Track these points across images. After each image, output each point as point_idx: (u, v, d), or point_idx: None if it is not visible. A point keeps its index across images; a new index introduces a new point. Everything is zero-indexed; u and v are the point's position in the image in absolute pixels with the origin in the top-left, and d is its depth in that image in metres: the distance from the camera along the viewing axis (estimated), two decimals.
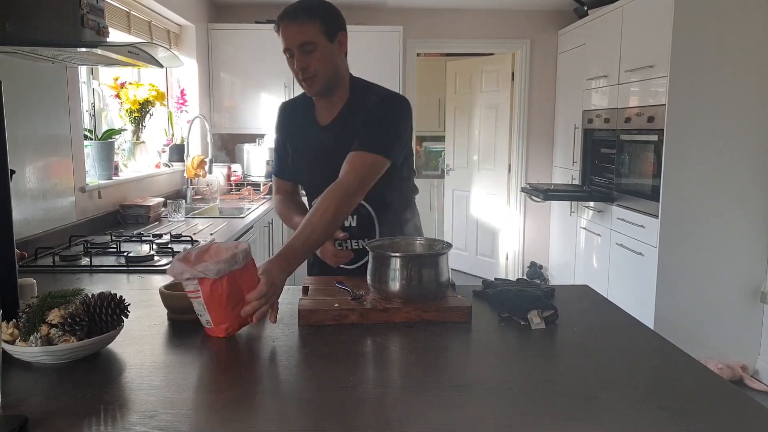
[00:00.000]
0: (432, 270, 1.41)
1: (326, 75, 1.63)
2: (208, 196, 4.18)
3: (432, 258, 1.44)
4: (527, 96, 5.25)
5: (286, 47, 1.62)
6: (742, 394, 1.01)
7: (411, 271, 1.39)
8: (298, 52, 1.60)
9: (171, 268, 1.24)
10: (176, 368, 1.12)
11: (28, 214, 2.31)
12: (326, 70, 1.63)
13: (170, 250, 2.25)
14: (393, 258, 1.41)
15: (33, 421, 0.87)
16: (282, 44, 1.62)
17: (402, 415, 0.92)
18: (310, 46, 1.59)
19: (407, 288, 1.39)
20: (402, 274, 1.39)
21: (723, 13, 3.21)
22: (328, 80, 1.65)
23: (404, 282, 1.39)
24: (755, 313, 3.38)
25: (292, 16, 1.60)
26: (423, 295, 1.40)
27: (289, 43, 1.60)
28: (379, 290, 1.43)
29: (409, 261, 1.41)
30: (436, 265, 1.42)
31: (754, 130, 3.27)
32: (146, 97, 3.52)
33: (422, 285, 1.40)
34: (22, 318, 1.11)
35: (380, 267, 1.42)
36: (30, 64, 2.30)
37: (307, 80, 1.63)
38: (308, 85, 1.65)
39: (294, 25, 1.59)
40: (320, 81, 1.63)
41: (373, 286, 1.44)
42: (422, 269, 1.40)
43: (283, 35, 1.61)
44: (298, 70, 1.62)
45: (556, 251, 5.18)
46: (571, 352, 1.23)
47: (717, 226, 3.31)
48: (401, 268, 1.39)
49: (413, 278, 1.39)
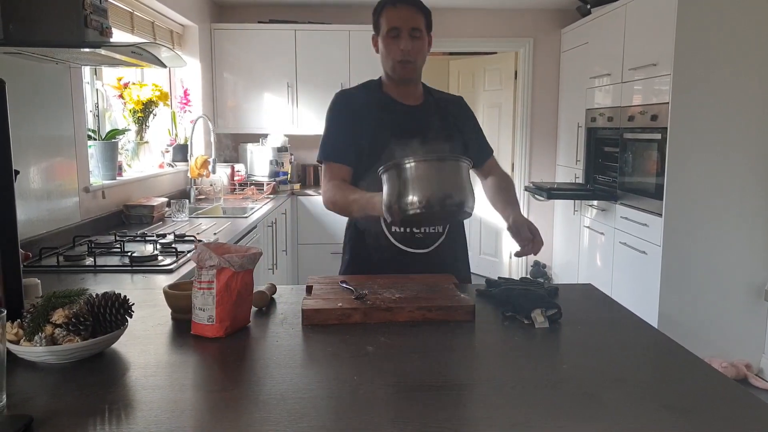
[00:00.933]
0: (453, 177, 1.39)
1: (420, 64, 1.77)
2: (212, 196, 4.19)
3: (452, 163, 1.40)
4: (530, 95, 5.25)
5: (395, 26, 1.70)
6: (747, 393, 1.01)
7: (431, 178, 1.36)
8: (406, 34, 1.69)
9: (196, 253, 1.24)
10: (180, 368, 1.13)
11: (32, 215, 2.32)
12: (422, 60, 1.77)
13: (174, 250, 2.26)
14: (408, 164, 1.37)
15: (38, 421, 0.87)
16: (386, 22, 1.71)
17: (406, 414, 0.92)
18: (418, 33, 1.71)
19: (428, 196, 1.34)
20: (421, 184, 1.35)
21: (726, 12, 3.20)
22: (419, 69, 1.78)
23: (425, 191, 1.34)
24: (759, 312, 3.37)
25: (409, 2, 1.71)
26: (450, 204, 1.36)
27: (403, 23, 1.69)
28: (399, 206, 1.37)
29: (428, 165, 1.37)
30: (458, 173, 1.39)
31: (757, 129, 3.26)
32: (149, 98, 3.52)
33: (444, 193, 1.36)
34: (27, 318, 1.11)
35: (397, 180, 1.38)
36: (34, 64, 2.30)
37: (407, 63, 1.73)
38: (404, 66, 1.74)
39: (410, 9, 1.71)
40: (415, 67, 1.76)
41: (391, 206, 1.39)
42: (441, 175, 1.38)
43: (395, 15, 1.70)
44: (400, 51, 1.70)
45: (560, 250, 5.18)
46: (575, 350, 1.23)
47: (721, 224, 3.30)
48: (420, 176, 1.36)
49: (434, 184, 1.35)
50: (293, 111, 4.83)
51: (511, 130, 5.42)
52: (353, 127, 1.77)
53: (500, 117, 5.52)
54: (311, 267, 4.61)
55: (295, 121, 4.84)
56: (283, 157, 4.76)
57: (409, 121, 1.77)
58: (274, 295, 1.53)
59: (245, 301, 1.29)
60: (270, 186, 4.53)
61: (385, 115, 1.77)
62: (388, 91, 1.82)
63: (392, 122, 1.75)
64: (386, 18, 1.72)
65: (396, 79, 1.79)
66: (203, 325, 1.24)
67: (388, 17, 1.71)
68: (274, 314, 1.40)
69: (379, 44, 1.77)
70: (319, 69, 4.74)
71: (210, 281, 1.23)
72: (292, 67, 4.77)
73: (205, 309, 1.23)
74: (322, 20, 4.85)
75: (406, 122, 1.76)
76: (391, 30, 1.70)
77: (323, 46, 4.72)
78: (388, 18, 1.71)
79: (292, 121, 4.84)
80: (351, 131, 1.77)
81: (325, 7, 4.98)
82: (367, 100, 1.80)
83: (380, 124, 1.75)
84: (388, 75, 1.80)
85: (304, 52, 4.76)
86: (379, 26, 1.76)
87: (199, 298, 1.24)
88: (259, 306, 1.43)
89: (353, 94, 1.85)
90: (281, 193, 4.59)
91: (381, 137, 1.72)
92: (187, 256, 2.20)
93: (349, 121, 1.78)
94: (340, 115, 1.81)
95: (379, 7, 1.75)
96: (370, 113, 1.77)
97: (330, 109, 1.82)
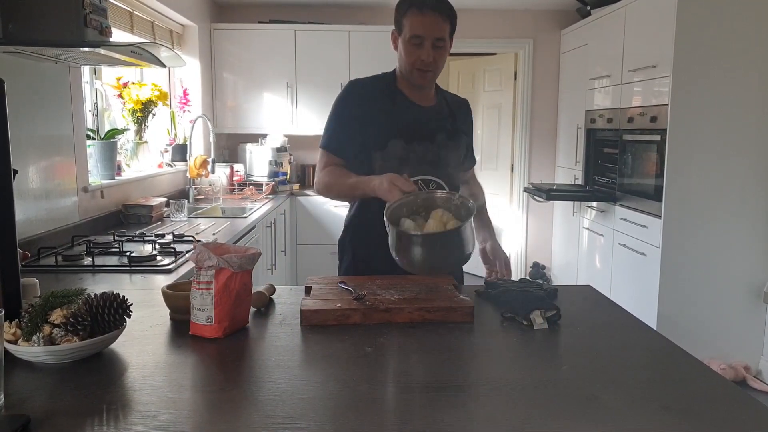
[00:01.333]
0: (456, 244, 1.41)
1: (439, 72, 1.73)
2: (211, 196, 4.19)
3: (454, 234, 1.41)
4: (530, 96, 5.25)
5: (419, 35, 1.64)
6: (745, 395, 1.01)
7: (434, 248, 1.40)
8: (429, 44, 1.64)
9: (195, 253, 1.24)
10: (179, 368, 1.12)
11: (30, 214, 2.31)
12: (442, 67, 1.73)
13: (173, 250, 2.25)
14: (414, 236, 1.40)
15: (35, 421, 0.87)
16: (410, 28, 1.65)
17: (405, 415, 0.92)
18: (441, 43, 1.67)
19: (431, 261, 1.41)
20: (424, 251, 1.40)
21: (726, 13, 3.20)
22: (437, 76, 1.75)
23: (427, 256, 1.39)
24: (758, 314, 3.37)
25: (437, 9, 1.64)
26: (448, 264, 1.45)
27: (428, 32, 1.64)
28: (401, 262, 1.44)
29: (430, 239, 1.40)
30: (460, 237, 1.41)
31: (757, 130, 3.26)
32: (149, 97, 3.52)
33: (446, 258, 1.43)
34: (25, 318, 1.11)
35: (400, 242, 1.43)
36: (33, 64, 2.30)
37: (425, 72, 1.69)
38: (422, 75, 1.70)
39: (437, 18, 1.64)
40: (434, 75, 1.73)
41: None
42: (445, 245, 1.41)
43: (420, 21, 1.63)
44: (421, 60, 1.66)
45: (559, 251, 5.18)
46: (574, 352, 1.23)
47: (720, 226, 3.30)
48: (422, 246, 1.40)
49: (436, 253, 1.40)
50: (293, 111, 4.83)
51: (511, 130, 5.42)
52: (360, 118, 1.74)
53: (500, 118, 5.52)
54: (310, 267, 4.61)
55: (294, 121, 4.84)
56: (282, 157, 4.76)
57: (419, 121, 1.75)
58: (273, 295, 1.53)
59: (244, 302, 1.29)
60: (269, 186, 4.53)
61: (396, 111, 1.75)
62: (401, 88, 1.79)
63: (401, 120, 1.73)
64: (410, 22, 1.65)
65: (411, 83, 1.76)
66: (202, 325, 1.23)
67: (413, 23, 1.64)
68: (273, 315, 1.40)
69: (399, 45, 1.72)
70: (318, 69, 4.74)
71: (209, 281, 1.23)
72: (291, 67, 4.77)
73: (203, 309, 1.23)
74: (322, 20, 4.85)
75: (416, 122, 1.74)
76: (414, 38, 1.65)
77: (323, 46, 4.72)
78: (413, 24, 1.64)
79: (292, 121, 4.84)
80: (356, 123, 1.75)
81: (325, 7, 4.99)
82: (379, 93, 1.77)
83: (389, 119, 1.73)
84: (404, 76, 1.77)
85: (303, 53, 4.75)
86: (401, 26, 1.69)
87: (198, 299, 1.24)
88: (257, 306, 1.42)
89: (366, 84, 1.80)
90: (280, 194, 4.59)
91: (387, 132, 1.71)
92: (185, 257, 2.19)
93: (356, 113, 1.75)
94: (348, 106, 1.78)
95: (404, 7, 1.67)
96: (380, 106, 1.74)
97: (340, 97, 1.79)
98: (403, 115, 1.74)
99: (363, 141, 1.73)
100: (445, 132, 1.76)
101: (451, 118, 1.81)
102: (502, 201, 5.52)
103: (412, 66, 1.69)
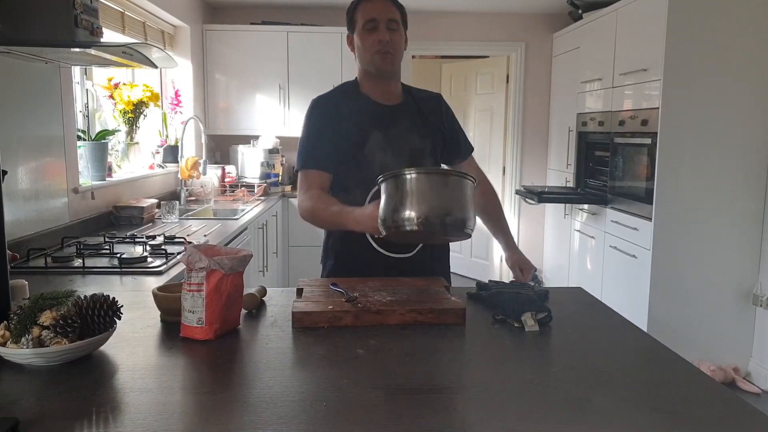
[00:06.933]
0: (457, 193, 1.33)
1: (399, 56, 1.75)
2: (203, 197, 4.17)
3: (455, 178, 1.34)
4: (522, 98, 5.27)
5: (374, 18, 1.70)
6: (734, 396, 1.02)
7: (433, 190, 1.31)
8: (384, 26, 1.69)
9: (186, 255, 1.24)
10: (169, 370, 1.12)
11: (20, 215, 2.29)
12: (400, 52, 1.75)
13: (164, 252, 2.24)
14: (411, 176, 1.31)
15: (24, 424, 0.86)
16: (363, 16, 1.71)
17: (395, 417, 0.92)
18: (395, 25, 1.71)
19: (428, 210, 1.28)
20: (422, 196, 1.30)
21: (716, 17, 3.23)
22: (398, 62, 1.76)
23: (425, 203, 1.29)
24: (747, 316, 3.40)
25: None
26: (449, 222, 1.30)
27: (380, 15, 1.70)
28: (395, 221, 1.32)
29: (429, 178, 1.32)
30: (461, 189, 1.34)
31: (746, 134, 3.29)
32: (140, 98, 3.51)
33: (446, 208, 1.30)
34: (14, 320, 1.10)
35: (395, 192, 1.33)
36: (23, 64, 2.29)
37: (386, 54, 1.71)
38: (383, 58, 1.71)
39: (385, 3, 1.72)
40: (394, 59, 1.74)
41: (386, 220, 1.34)
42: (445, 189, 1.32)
43: (371, 7, 1.71)
44: (379, 42, 1.69)
45: (550, 254, 5.20)
46: (565, 354, 1.23)
47: (710, 228, 3.33)
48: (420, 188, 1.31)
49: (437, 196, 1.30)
50: (285, 113, 4.82)
51: (503, 133, 5.43)
52: (332, 133, 1.73)
53: (492, 120, 5.54)
54: (302, 269, 4.60)
55: (286, 123, 4.83)
56: (274, 158, 4.75)
57: (388, 121, 1.74)
58: (264, 297, 1.53)
59: (235, 304, 1.29)
60: (261, 188, 4.52)
61: (364, 117, 1.74)
62: (365, 92, 1.78)
63: (371, 124, 1.73)
64: (362, 12, 1.72)
65: (375, 73, 1.74)
66: (193, 327, 1.23)
67: (364, 10, 1.71)
68: (264, 317, 1.40)
69: (356, 40, 1.75)
70: (311, 71, 4.73)
71: (200, 283, 1.22)
72: (284, 69, 4.77)
73: (194, 311, 1.23)
74: (315, 22, 4.85)
75: (386, 123, 1.73)
76: (368, 22, 1.70)
77: (315, 48, 4.72)
78: (364, 11, 1.71)
79: (284, 123, 4.83)
80: (329, 137, 1.72)
81: (318, 9, 4.98)
82: (344, 104, 1.76)
83: (359, 126, 1.72)
84: (366, 72, 1.76)
85: (296, 54, 4.75)
86: (354, 22, 1.74)
87: (189, 300, 1.23)
88: (249, 308, 1.42)
89: (330, 99, 1.79)
90: (272, 195, 4.58)
91: (360, 140, 1.70)
92: (176, 258, 2.18)
93: (326, 127, 1.74)
94: (318, 122, 1.76)
95: (353, 5, 1.75)
96: (348, 117, 1.73)
97: (307, 117, 1.78)
98: (371, 118, 1.74)
99: (339, 151, 1.72)
100: (414, 128, 1.76)
101: (419, 113, 1.80)
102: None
103: (372, 51, 1.70)
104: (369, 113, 1.75)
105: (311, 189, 1.70)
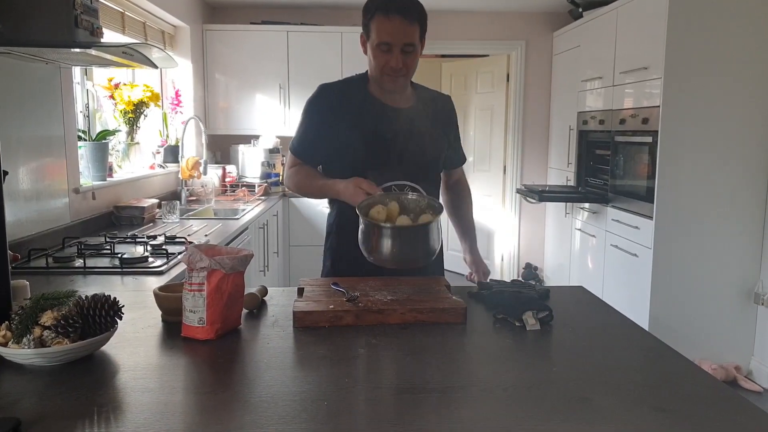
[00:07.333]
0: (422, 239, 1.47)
1: (411, 75, 1.69)
2: (203, 197, 4.17)
3: (422, 229, 1.47)
4: (522, 97, 5.27)
5: (387, 41, 1.59)
6: (736, 395, 1.02)
7: (401, 241, 1.45)
8: (398, 50, 1.59)
9: (187, 255, 1.24)
10: (170, 370, 1.12)
11: (21, 216, 2.30)
12: (413, 70, 1.68)
13: (165, 252, 2.25)
14: (384, 228, 1.45)
15: (26, 424, 0.86)
16: (377, 34, 1.59)
17: (396, 416, 0.92)
18: (411, 48, 1.61)
19: (398, 254, 1.45)
20: (392, 244, 1.45)
21: (717, 15, 3.22)
22: (409, 79, 1.71)
23: (395, 250, 1.45)
24: (749, 314, 3.40)
25: (403, 14, 1.57)
26: (413, 260, 1.49)
27: (395, 39, 1.58)
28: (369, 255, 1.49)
29: (398, 231, 1.45)
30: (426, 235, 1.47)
31: (747, 132, 3.28)
32: (141, 98, 3.51)
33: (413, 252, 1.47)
34: (15, 320, 1.10)
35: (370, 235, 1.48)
36: (24, 64, 2.29)
37: (396, 77, 1.65)
38: (393, 80, 1.66)
39: (404, 23, 1.58)
40: (405, 80, 1.69)
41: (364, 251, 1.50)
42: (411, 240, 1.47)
43: (387, 28, 1.58)
44: (390, 66, 1.62)
45: (551, 252, 5.19)
46: (566, 353, 1.23)
47: (711, 227, 3.33)
48: (391, 238, 1.45)
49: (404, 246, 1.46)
50: (285, 112, 4.82)
51: (503, 132, 5.43)
52: (329, 125, 1.70)
53: (492, 119, 5.54)
54: (302, 269, 4.60)
55: (286, 122, 4.83)
56: (274, 158, 4.76)
57: (393, 125, 1.69)
58: (265, 297, 1.53)
59: (236, 303, 1.29)
60: (261, 187, 4.52)
61: (366, 115, 1.70)
62: (373, 91, 1.73)
63: (375, 125, 1.68)
64: (377, 28, 1.58)
65: (391, 89, 1.70)
66: (194, 327, 1.23)
67: (379, 29, 1.58)
68: (265, 316, 1.40)
69: (368, 49, 1.66)
70: (311, 70, 4.73)
71: (201, 283, 1.23)
72: (284, 69, 4.77)
73: (195, 311, 1.23)
74: (315, 22, 4.85)
75: (390, 126, 1.68)
76: (382, 44, 1.59)
77: (315, 47, 4.72)
78: (379, 29, 1.58)
79: (284, 123, 4.83)
80: (325, 129, 1.71)
81: (318, 8, 4.98)
82: (350, 98, 1.71)
83: (361, 125, 1.68)
84: (374, 79, 1.71)
85: (296, 54, 4.75)
86: (369, 31, 1.63)
87: (190, 300, 1.23)
88: (249, 308, 1.42)
89: (336, 90, 1.75)
90: (273, 195, 4.58)
91: (360, 139, 1.67)
92: (177, 258, 2.18)
93: (324, 119, 1.71)
94: (317, 111, 1.73)
95: (370, 12, 1.60)
96: (349, 111, 1.70)
97: (309, 102, 1.75)
98: (375, 120, 1.69)
99: (336, 147, 1.70)
100: (422, 134, 1.70)
101: (430, 118, 1.74)
102: (495, 202, 5.54)
103: (382, 72, 1.64)
104: (374, 114, 1.70)
105: (293, 166, 1.79)
